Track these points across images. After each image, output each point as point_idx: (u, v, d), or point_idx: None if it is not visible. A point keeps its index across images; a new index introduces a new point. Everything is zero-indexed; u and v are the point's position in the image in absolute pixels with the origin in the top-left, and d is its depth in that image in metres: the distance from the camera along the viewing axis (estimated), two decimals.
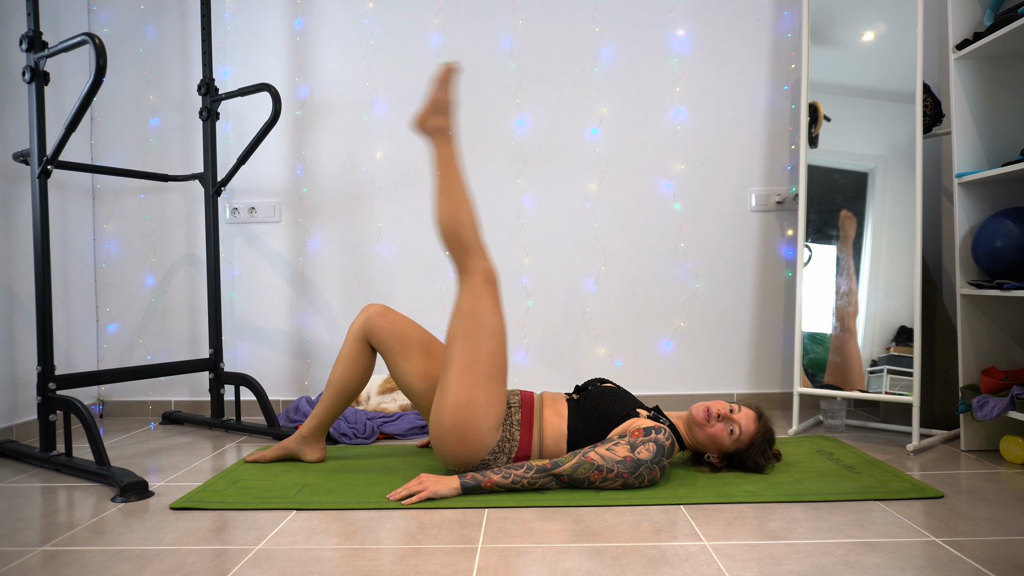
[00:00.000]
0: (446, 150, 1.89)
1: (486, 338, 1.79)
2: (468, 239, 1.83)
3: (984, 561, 1.32)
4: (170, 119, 2.87)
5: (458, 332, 1.80)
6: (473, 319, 1.80)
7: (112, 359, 2.90)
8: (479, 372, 1.78)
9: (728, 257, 2.80)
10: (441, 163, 1.88)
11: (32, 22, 1.99)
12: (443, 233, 1.84)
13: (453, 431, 1.77)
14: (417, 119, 1.91)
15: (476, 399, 1.77)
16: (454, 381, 1.78)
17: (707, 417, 1.85)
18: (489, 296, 1.82)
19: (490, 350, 1.79)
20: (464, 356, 1.78)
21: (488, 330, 1.80)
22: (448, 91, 1.90)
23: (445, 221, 1.84)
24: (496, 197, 2.82)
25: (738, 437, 1.85)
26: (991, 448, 2.14)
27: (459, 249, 1.83)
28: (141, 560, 1.38)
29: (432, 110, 1.90)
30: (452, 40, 2.81)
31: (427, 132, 1.91)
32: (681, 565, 1.32)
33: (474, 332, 1.79)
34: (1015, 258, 1.97)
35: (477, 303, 1.81)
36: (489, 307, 1.81)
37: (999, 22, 1.99)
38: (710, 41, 2.77)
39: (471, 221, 1.84)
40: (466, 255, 1.83)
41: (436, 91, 1.89)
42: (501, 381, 1.82)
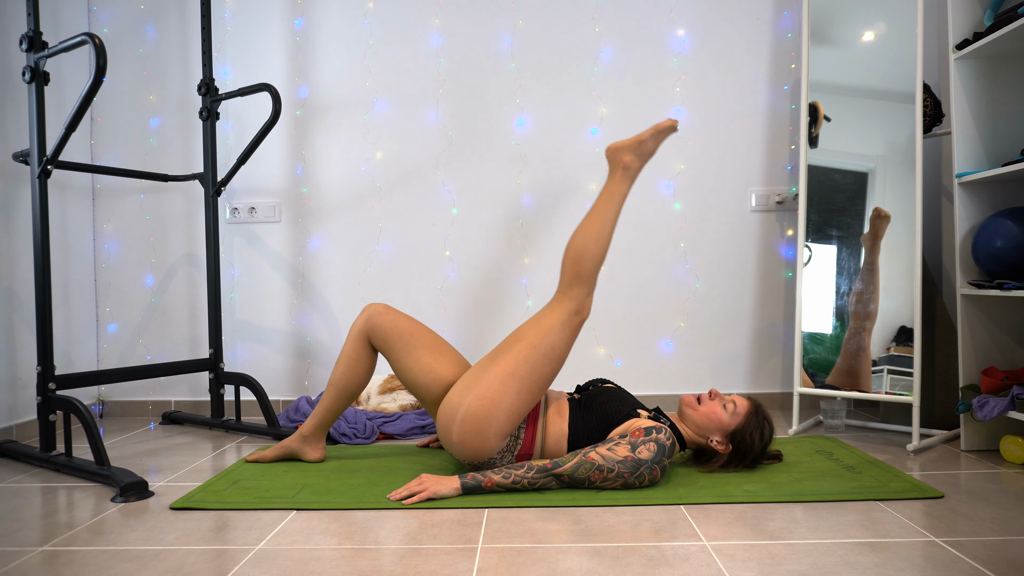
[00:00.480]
0: (622, 187, 1.93)
1: (544, 356, 1.82)
2: (588, 270, 1.86)
3: (984, 561, 1.32)
4: (170, 119, 2.87)
5: (524, 336, 1.84)
6: (545, 334, 1.83)
7: (112, 359, 2.90)
8: (520, 379, 1.80)
9: (728, 257, 2.80)
10: (610, 195, 1.92)
11: (32, 22, 1.99)
12: (570, 251, 1.87)
13: (468, 419, 1.78)
14: (614, 147, 1.95)
15: (504, 398, 1.78)
16: (494, 373, 1.80)
17: (699, 398, 1.91)
18: (571, 328, 1.85)
19: (541, 368, 1.82)
20: (516, 358, 1.81)
21: (550, 351, 1.83)
22: (658, 143, 1.95)
23: (580, 243, 1.87)
24: (496, 197, 2.82)
25: (734, 410, 1.89)
26: (991, 448, 2.14)
27: (574, 274, 1.86)
28: (141, 560, 1.38)
29: (634, 148, 1.93)
30: (452, 40, 2.81)
31: (616, 163, 1.94)
32: (681, 565, 1.32)
33: (538, 344, 1.82)
34: (1015, 258, 1.97)
35: (557, 324, 1.84)
36: (564, 336, 1.84)
37: (999, 22, 1.99)
38: (710, 41, 2.77)
39: (600, 257, 1.88)
40: (577, 282, 1.86)
41: (650, 137, 1.93)
42: (529, 400, 1.83)
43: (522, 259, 2.83)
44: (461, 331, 2.84)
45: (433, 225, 2.84)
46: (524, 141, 2.81)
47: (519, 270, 2.83)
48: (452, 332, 2.84)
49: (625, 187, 1.93)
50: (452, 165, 2.83)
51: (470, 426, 1.78)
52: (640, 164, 1.94)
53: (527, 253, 2.83)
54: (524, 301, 2.83)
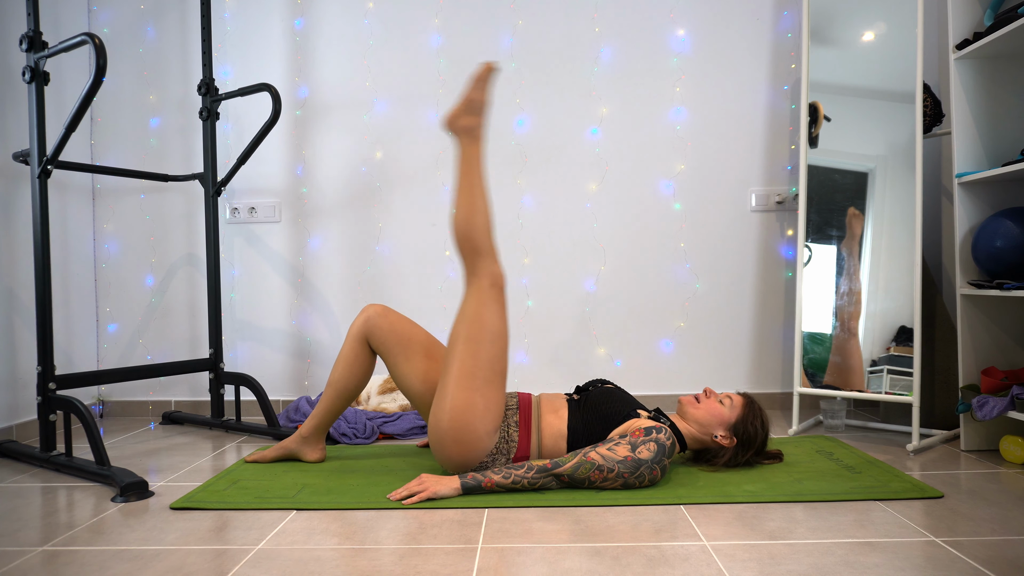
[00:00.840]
0: (473, 150, 1.87)
1: (487, 342, 1.79)
2: (481, 242, 1.82)
3: (984, 561, 1.32)
4: (170, 119, 2.87)
5: (460, 335, 1.80)
6: (476, 323, 1.79)
7: (112, 359, 2.90)
8: (478, 376, 1.78)
9: (728, 257, 2.80)
10: (465, 163, 1.87)
11: (32, 22, 1.99)
12: (457, 233, 1.84)
13: (451, 434, 1.77)
14: (448, 116, 1.89)
15: (474, 403, 1.77)
16: (453, 384, 1.78)
17: (697, 396, 1.94)
18: (494, 300, 1.81)
19: (491, 355, 1.79)
20: (464, 360, 1.78)
21: (490, 335, 1.79)
22: (485, 91, 1.89)
23: (461, 221, 1.83)
24: (496, 197, 2.82)
25: (731, 404, 1.92)
26: (991, 448, 2.14)
27: (470, 251, 1.83)
28: (141, 560, 1.38)
29: (465, 108, 1.88)
30: (452, 40, 2.81)
31: (457, 131, 1.89)
32: (681, 565, 1.32)
33: (476, 336, 1.79)
34: (1015, 258, 1.97)
35: (481, 307, 1.80)
36: (494, 311, 1.81)
37: (999, 22, 1.99)
38: (710, 41, 2.77)
39: (486, 224, 1.83)
40: (476, 257, 1.82)
41: (472, 90, 1.88)
42: (500, 386, 1.82)
43: (522, 259, 2.83)
44: None
45: (433, 225, 2.84)
46: (524, 141, 2.81)
47: (519, 270, 2.83)
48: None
49: (476, 149, 1.87)
50: (452, 165, 2.82)
51: (456, 441, 1.78)
52: (479, 120, 1.88)
53: (527, 253, 2.83)
54: (524, 301, 2.83)
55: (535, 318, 2.82)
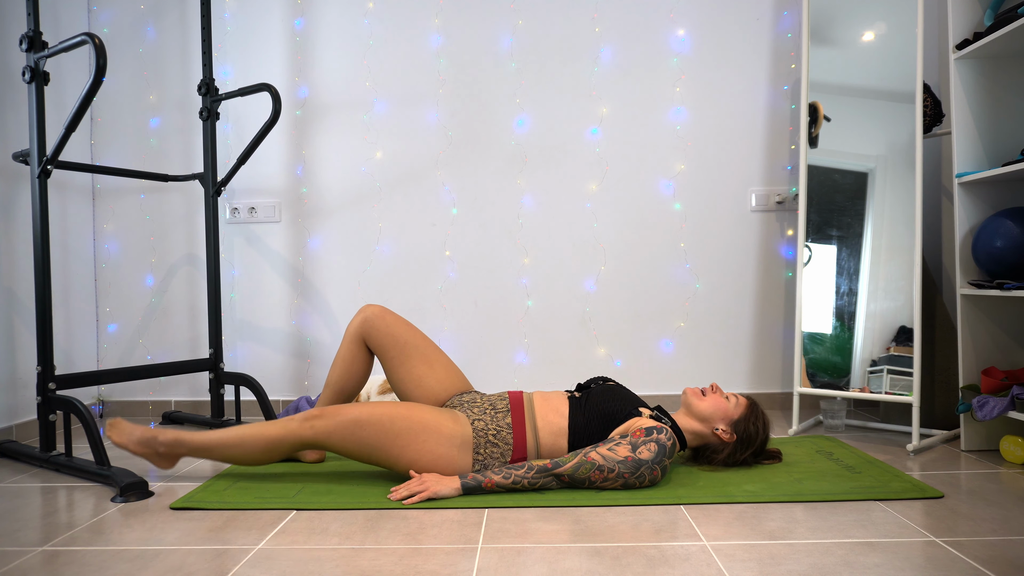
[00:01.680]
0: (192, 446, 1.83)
1: (374, 435, 1.75)
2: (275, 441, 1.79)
3: (984, 561, 1.32)
4: (170, 119, 2.87)
5: (363, 446, 1.77)
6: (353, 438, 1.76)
7: (112, 359, 2.90)
8: (407, 447, 1.76)
9: (728, 257, 2.80)
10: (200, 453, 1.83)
11: (32, 22, 1.99)
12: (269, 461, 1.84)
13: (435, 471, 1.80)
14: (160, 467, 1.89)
15: (428, 459, 1.77)
16: (402, 466, 1.78)
17: (702, 390, 1.95)
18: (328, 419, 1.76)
19: (393, 431, 1.76)
20: (383, 456, 1.78)
21: (369, 429, 1.75)
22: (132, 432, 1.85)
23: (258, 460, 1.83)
24: (496, 197, 2.82)
25: (736, 402, 1.93)
26: (991, 448, 2.14)
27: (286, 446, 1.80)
28: (141, 560, 1.38)
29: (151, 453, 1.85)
30: (452, 40, 2.81)
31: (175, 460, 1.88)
32: (681, 565, 1.32)
33: (367, 442, 1.76)
34: (1015, 258, 1.97)
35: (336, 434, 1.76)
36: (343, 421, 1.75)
37: (999, 22, 1.99)
38: (710, 41, 2.77)
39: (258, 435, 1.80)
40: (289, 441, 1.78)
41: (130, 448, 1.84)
42: (430, 432, 1.78)
43: (522, 259, 2.83)
44: (461, 331, 2.84)
45: (433, 225, 2.84)
46: (524, 141, 2.81)
47: (519, 270, 2.83)
48: (452, 332, 2.84)
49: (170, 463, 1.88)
50: (452, 165, 2.83)
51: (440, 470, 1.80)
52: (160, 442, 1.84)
53: (527, 253, 2.83)
54: (524, 301, 2.83)
55: (535, 318, 2.82)
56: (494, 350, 2.83)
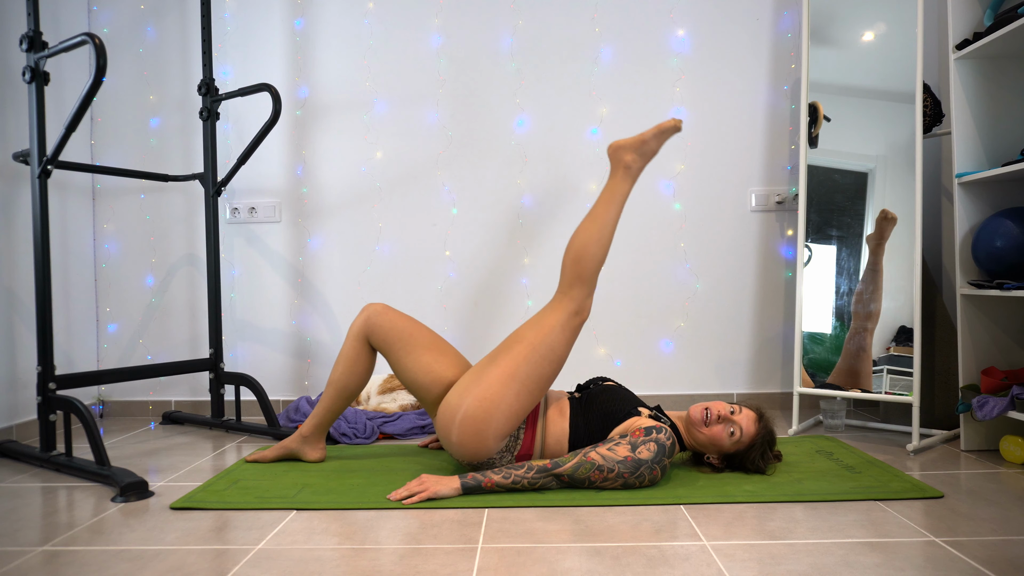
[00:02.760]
0: (623, 186, 1.91)
1: (544, 357, 1.81)
2: (588, 271, 1.85)
3: (984, 561, 1.32)
4: (170, 119, 2.87)
5: (524, 337, 1.83)
6: (545, 335, 1.82)
7: (112, 359, 2.90)
8: (520, 380, 1.79)
9: (728, 257, 2.80)
10: (611, 194, 1.90)
11: (32, 22, 1.99)
12: (570, 251, 1.86)
13: (467, 421, 1.77)
14: (616, 145, 1.92)
15: (503, 401, 1.78)
16: (494, 374, 1.79)
17: (705, 419, 1.84)
18: (571, 328, 1.84)
19: (541, 370, 1.81)
20: (516, 359, 1.80)
21: (551, 353, 1.82)
22: (661, 143, 1.93)
23: (580, 243, 1.86)
24: (496, 197, 2.82)
25: (738, 439, 1.84)
26: (991, 448, 2.14)
27: (575, 274, 1.85)
28: (141, 560, 1.38)
29: (636, 147, 1.91)
30: (452, 40, 2.81)
31: (617, 162, 1.92)
32: (681, 565, 1.32)
33: (538, 345, 1.81)
34: (1015, 258, 1.97)
35: (557, 325, 1.83)
36: (564, 337, 1.83)
37: (999, 22, 1.99)
38: (710, 41, 2.77)
39: (601, 257, 1.86)
40: (578, 282, 1.85)
41: (652, 136, 1.91)
42: (531, 402, 1.82)
43: (522, 259, 2.83)
44: (461, 331, 2.84)
45: (433, 225, 2.84)
46: (524, 141, 2.81)
47: (519, 270, 2.83)
48: (452, 332, 2.84)
49: (627, 187, 1.91)
50: (452, 165, 2.83)
51: (469, 427, 1.78)
52: (642, 164, 1.93)
53: (527, 253, 2.83)
54: (524, 301, 2.83)
55: None
56: None
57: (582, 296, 1.85)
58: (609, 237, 1.88)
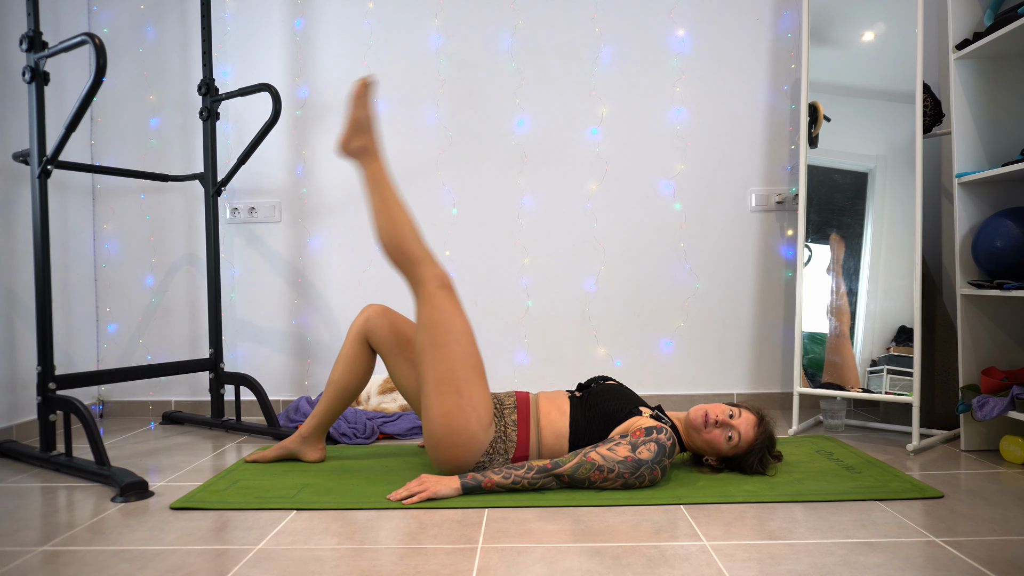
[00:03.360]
0: (374, 167, 1.86)
1: (453, 343, 1.78)
2: (413, 250, 1.81)
3: (984, 561, 1.32)
4: (170, 119, 2.87)
5: (425, 344, 1.80)
6: (436, 328, 1.79)
7: (112, 359, 2.90)
8: (457, 378, 1.77)
9: (728, 257, 2.80)
10: (372, 182, 1.85)
11: (32, 22, 1.99)
12: (387, 250, 1.83)
13: (445, 440, 1.78)
14: (340, 142, 1.88)
15: (460, 405, 1.77)
16: (433, 393, 1.78)
17: (704, 422, 1.83)
18: (446, 300, 1.80)
19: (460, 354, 1.78)
20: (436, 367, 1.78)
21: (453, 335, 1.78)
22: (366, 108, 1.86)
23: (387, 237, 1.82)
24: (496, 197, 2.82)
25: (736, 444, 1.83)
26: (991, 448, 2.14)
27: (406, 262, 1.82)
28: (141, 560, 1.38)
29: (353, 130, 1.86)
30: (452, 40, 2.81)
31: (352, 154, 1.88)
32: (681, 565, 1.32)
33: (440, 341, 1.78)
34: (1015, 258, 1.97)
35: (435, 311, 1.79)
36: (449, 311, 1.80)
37: (999, 22, 1.99)
38: (710, 41, 2.77)
39: (412, 232, 1.82)
40: (414, 266, 1.81)
41: (354, 110, 1.85)
42: (478, 380, 1.81)
43: (522, 259, 2.83)
44: None
45: (433, 225, 2.84)
46: (524, 141, 2.81)
47: (519, 270, 2.83)
48: None
49: (377, 165, 1.86)
50: (452, 165, 2.83)
51: (452, 443, 1.78)
52: (370, 138, 1.86)
53: (527, 253, 2.83)
54: (524, 301, 2.83)
55: (535, 318, 2.82)
56: (494, 350, 2.83)
57: (428, 269, 1.81)
58: (401, 213, 1.83)
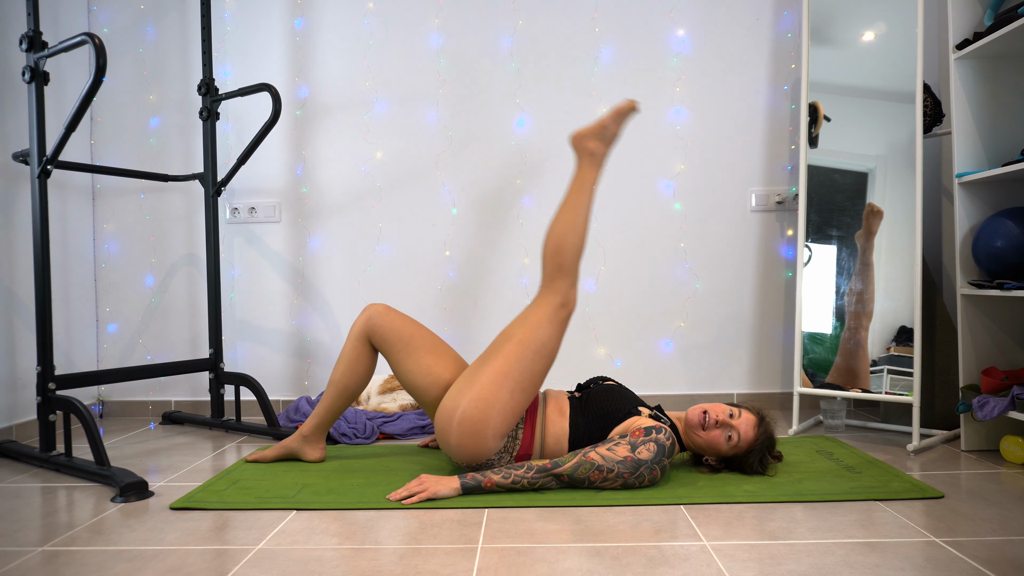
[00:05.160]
0: (591, 174, 1.91)
1: (536, 353, 1.81)
2: (569, 261, 1.85)
3: (984, 561, 1.32)
4: (170, 119, 2.87)
5: (513, 335, 1.82)
6: (534, 331, 1.82)
7: (112, 359, 2.90)
8: (513, 379, 1.79)
9: (728, 257, 2.80)
10: (580, 183, 1.90)
11: (32, 22, 1.99)
12: (549, 245, 1.86)
13: (465, 423, 1.77)
14: (578, 134, 1.93)
15: (498, 401, 1.77)
16: (487, 375, 1.79)
17: (704, 422, 1.83)
18: (559, 321, 1.84)
19: (533, 366, 1.81)
20: (508, 357, 1.80)
21: (542, 348, 1.81)
22: (621, 125, 1.94)
23: (557, 235, 1.86)
24: (496, 197, 2.82)
25: (736, 443, 1.84)
26: (991, 448, 2.14)
27: (555, 266, 1.85)
28: (141, 560, 1.38)
29: (597, 134, 1.92)
30: (452, 40, 2.81)
31: (581, 151, 1.93)
32: (681, 565, 1.32)
33: (528, 342, 1.81)
34: (1015, 258, 1.97)
35: (544, 320, 1.83)
36: (553, 331, 1.83)
37: (999, 22, 1.99)
38: (710, 41, 2.77)
39: (580, 246, 1.86)
40: (559, 274, 1.85)
41: (610, 120, 1.92)
42: (525, 399, 1.82)
43: (522, 259, 2.83)
44: (461, 331, 2.84)
45: (433, 225, 2.84)
46: (524, 141, 2.81)
47: (519, 270, 2.83)
48: (452, 332, 2.84)
49: (594, 174, 1.91)
50: (452, 165, 2.83)
51: (467, 428, 1.77)
52: (605, 149, 1.93)
53: (527, 253, 2.83)
54: (524, 301, 2.83)
55: None
56: None
57: (566, 287, 1.84)
58: (584, 225, 1.87)
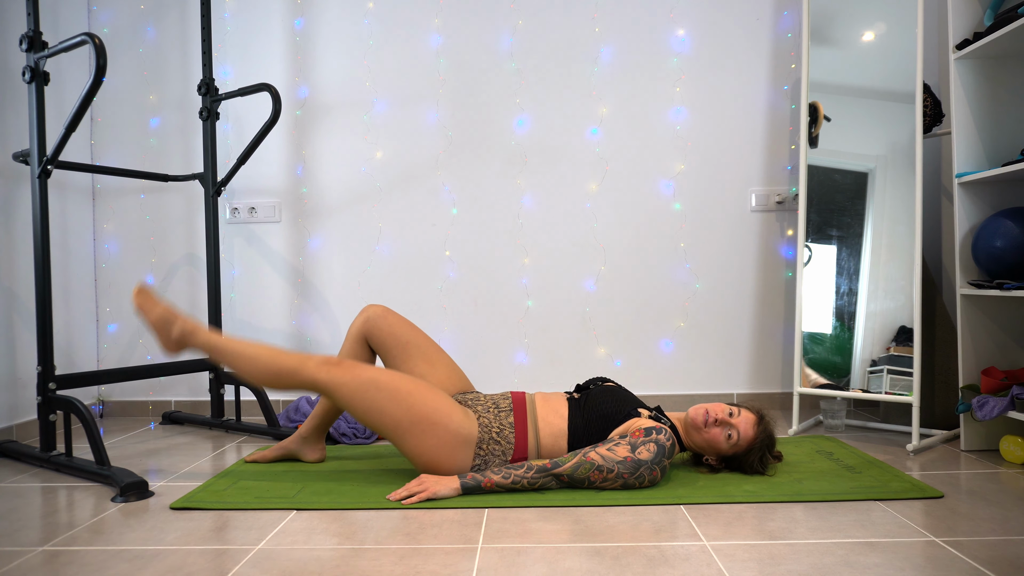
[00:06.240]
0: (202, 339, 1.79)
1: (386, 401, 1.73)
2: (285, 365, 1.74)
3: (984, 561, 1.32)
4: (170, 119, 2.87)
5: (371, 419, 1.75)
6: (366, 397, 1.73)
7: (112, 359, 2.90)
8: (415, 426, 1.74)
9: (728, 257, 2.80)
10: (213, 351, 1.78)
11: (32, 22, 1.99)
12: (270, 387, 1.77)
13: (433, 470, 1.80)
14: (164, 349, 1.81)
15: (430, 445, 1.76)
16: (402, 444, 1.77)
17: (704, 421, 1.83)
18: (348, 373, 1.73)
19: (401, 407, 1.73)
20: (388, 425, 1.75)
21: (383, 392, 1.73)
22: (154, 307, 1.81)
23: (261, 377, 1.76)
24: (496, 197, 2.82)
25: (736, 442, 1.83)
26: (991, 448, 2.14)
27: (291, 378, 1.74)
28: (141, 560, 1.38)
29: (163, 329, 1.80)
30: (452, 40, 2.81)
31: (182, 347, 1.80)
32: (681, 565, 1.32)
33: (377, 405, 1.73)
34: (1015, 258, 1.97)
35: (350, 390, 1.73)
36: (358, 379, 1.73)
37: (999, 22, 1.99)
38: (710, 41, 2.77)
39: (271, 354, 1.76)
40: (299, 375, 1.74)
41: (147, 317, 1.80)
42: (437, 421, 1.75)
43: (522, 259, 2.83)
44: (461, 331, 2.84)
45: (433, 225, 2.84)
46: (524, 141, 2.81)
47: (519, 270, 2.83)
48: (452, 332, 2.84)
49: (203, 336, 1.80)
50: (452, 165, 2.83)
51: (436, 470, 1.79)
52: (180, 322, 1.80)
53: (527, 253, 2.83)
54: (524, 301, 2.83)
55: (535, 318, 2.82)
56: (494, 350, 2.83)
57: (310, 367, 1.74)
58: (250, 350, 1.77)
